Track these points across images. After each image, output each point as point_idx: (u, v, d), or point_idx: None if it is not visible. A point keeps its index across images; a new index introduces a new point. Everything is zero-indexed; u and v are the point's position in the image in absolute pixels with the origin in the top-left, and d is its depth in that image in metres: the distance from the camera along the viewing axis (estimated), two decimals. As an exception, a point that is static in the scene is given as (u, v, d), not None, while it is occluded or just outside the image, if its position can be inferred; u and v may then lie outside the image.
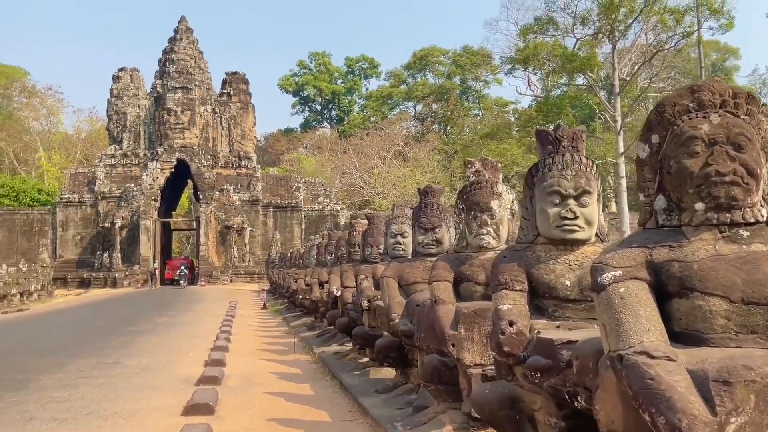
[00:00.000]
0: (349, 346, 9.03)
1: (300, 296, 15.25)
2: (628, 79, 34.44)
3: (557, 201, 3.23)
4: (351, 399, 6.31)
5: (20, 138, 58.87)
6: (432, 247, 5.71)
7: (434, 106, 65.71)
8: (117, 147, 46.20)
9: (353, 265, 9.58)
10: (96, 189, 44.27)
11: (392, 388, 6.17)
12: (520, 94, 79.45)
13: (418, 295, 5.23)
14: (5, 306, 22.70)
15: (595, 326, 3.10)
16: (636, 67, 35.03)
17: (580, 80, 37.37)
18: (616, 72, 32.88)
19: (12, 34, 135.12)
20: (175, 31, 47.15)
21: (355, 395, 6.24)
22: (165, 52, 46.95)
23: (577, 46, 34.44)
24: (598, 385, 2.31)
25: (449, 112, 63.41)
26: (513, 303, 3.18)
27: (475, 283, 4.46)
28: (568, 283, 3.22)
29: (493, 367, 3.80)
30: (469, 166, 4.81)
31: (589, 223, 3.26)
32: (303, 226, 45.44)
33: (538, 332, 2.98)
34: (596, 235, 3.36)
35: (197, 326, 14.62)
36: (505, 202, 4.55)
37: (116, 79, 47.46)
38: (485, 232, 4.49)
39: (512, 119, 55.00)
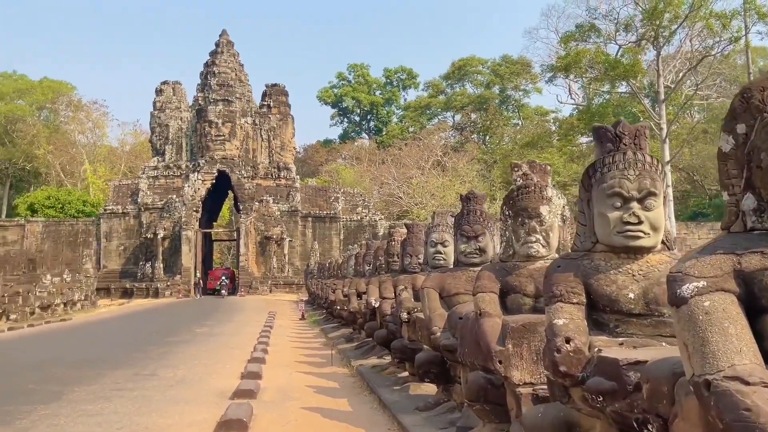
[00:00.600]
0: (388, 359, 8.77)
1: (338, 307, 15.06)
2: (672, 86, 33.63)
3: (619, 204, 2.90)
4: (390, 416, 6.02)
5: (67, 151, 60.33)
6: (475, 256, 5.42)
7: (473, 115, 65.30)
8: (159, 159, 46.92)
9: (392, 275, 9.33)
10: (139, 200, 45.02)
11: (434, 405, 5.87)
12: (561, 102, 78.68)
13: (461, 307, 4.94)
14: (49, 315, 23.01)
15: (664, 344, 2.78)
16: (681, 74, 34.21)
17: (623, 88, 36.67)
18: (660, 79, 32.13)
19: (59, 50, 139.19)
20: (217, 45, 47.80)
21: (394, 413, 5.95)
22: (206, 65, 47.62)
23: (619, 53, 33.80)
24: (677, 413, 2.01)
25: (488, 122, 62.96)
26: (569, 317, 2.87)
27: (523, 295, 4.15)
28: (631, 295, 2.89)
29: (544, 387, 3.50)
30: (516, 169, 4.49)
31: (654, 228, 2.92)
32: (341, 237, 45.45)
33: (599, 350, 2.67)
34: (662, 242, 3.02)
35: (236, 337, 14.53)
36: (555, 208, 4.22)
37: (159, 92, 48.30)
38: (534, 239, 4.18)
39: (553, 128, 54.34)
